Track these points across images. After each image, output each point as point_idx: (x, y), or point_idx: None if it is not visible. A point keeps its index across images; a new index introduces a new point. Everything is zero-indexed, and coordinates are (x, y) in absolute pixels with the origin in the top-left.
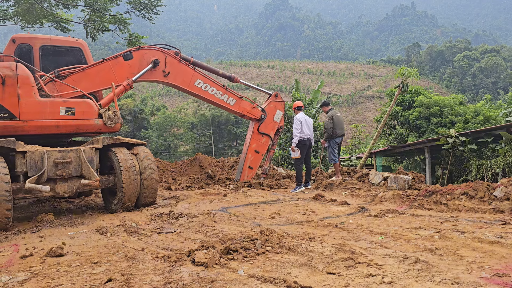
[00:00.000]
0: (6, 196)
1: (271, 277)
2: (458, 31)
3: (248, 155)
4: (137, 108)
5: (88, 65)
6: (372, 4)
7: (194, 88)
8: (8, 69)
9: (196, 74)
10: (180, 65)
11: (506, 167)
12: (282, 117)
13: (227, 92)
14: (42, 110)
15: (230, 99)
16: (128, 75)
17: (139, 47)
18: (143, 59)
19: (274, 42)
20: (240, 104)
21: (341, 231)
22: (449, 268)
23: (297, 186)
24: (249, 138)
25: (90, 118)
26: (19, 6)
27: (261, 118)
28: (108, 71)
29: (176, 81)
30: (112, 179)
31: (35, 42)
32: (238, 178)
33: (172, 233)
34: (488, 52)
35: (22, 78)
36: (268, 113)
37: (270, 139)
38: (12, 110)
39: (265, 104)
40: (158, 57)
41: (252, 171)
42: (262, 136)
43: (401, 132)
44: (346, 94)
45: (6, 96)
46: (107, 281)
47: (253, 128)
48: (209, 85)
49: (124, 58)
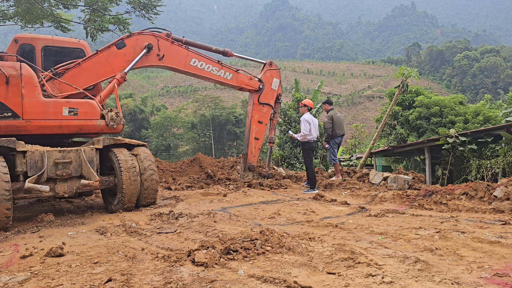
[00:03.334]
0: (6, 195)
1: (271, 277)
2: (458, 31)
3: (252, 126)
4: (137, 108)
5: (83, 59)
6: (372, 4)
7: (190, 68)
8: (12, 69)
9: (190, 54)
10: (173, 46)
11: (506, 167)
12: (279, 85)
13: (223, 67)
14: (45, 110)
15: (227, 73)
16: (123, 63)
17: (130, 34)
18: (136, 46)
19: (274, 42)
20: (237, 78)
21: (341, 231)
22: (449, 268)
23: (310, 188)
24: (250, 110)
25: (93, 118)
26: (19, 6)
27: (259, 89)
28: (104, 63)
29: (172, 63)
30: (112, 179)
31: (37, 43)
32: (246, 151)
33: (172, 233)
34: (488, 52)
35: (26, 78)
36: (266, 83)
37: (271, 108)
38: (15, 109)
39: (261, 74)
40: (151, 41)
41: (258, 141)
42: (263, 106)
43: (401, 132)
44: (346, 94)
45: (10, 95)
46: (107, 281)
47: (253, 100)
48: (204, 62)
49: (117, 47)
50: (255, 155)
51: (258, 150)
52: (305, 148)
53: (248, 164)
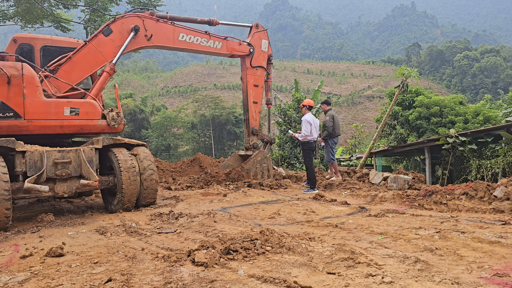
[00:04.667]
0: (5, 195)
1: (271, 277)
2: (458, 31)
3: (249, 91)
4: (137, 108)
5: (73, 53)
6: (372, 4)
7: (179, 43)
8: (13, 69)
9: (177, 29)
10: (159, 24)
11: (506, 167)
12: (268, 45)
13: (211, 37)
14: (47, 110)
15: (216, 43)
16: (113, 50)
17: (114, 19)
18: (122, 30)
19: (274, 42)
20: (227, 45)
21: (341, 231)
22: (449, 268)
23: (310, 188)
24: (245, 75)
25: (94, 118)
26: (19, 6)
27: (250, 53)
28: (94, 52)
29: (161, 41)
30: (112, 179)
31: (36, 43)
32: (247, 117)
33: (172, 233)
34: (488, 52)
35: (27, 78)
36: (255, 46)
37: (265, 70)
38: (17, 109)
39: (250, 38)
40: (137, 23)
41: (257, 105)
42: (256, 69)
43: (401, 132)
44: (346, 94)
45: (12, 95)
46: (107, 281)
47: (245, 65)
48: (192, 35)
49: (104, 34)
50: (256, 119)
51: (258, 114)
52: (305, 148)
53: (251, 128)
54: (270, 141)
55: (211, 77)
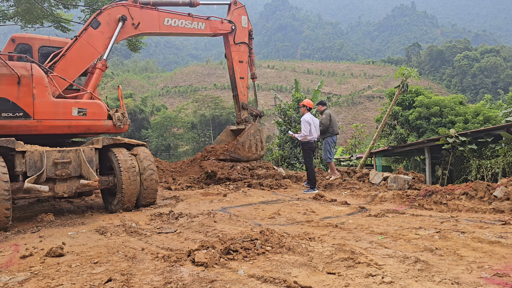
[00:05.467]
0: (5, 195)
1: (271, 277)
2: (458, 31)
3: (235, 68)
4: (137, 108)
5: (66, 49)
6: (372, 4)
7: (165, 28)
8: (23, 69)
9: (161, 14)
10: (144, 10)
11: (506, 167)
12: (248, 21)
13: (194, 19)
14: (56, 110)
15: (200, 24)
16: (104, 41)
17: (100, 11)
18: (110, 21)
19: (274, 42)
20: (210, 25)
21: (341, 231)
22: (449, 268)
23: (310, 188)
24: (229, 52)
25: (101, 119)
26: (19, 6)
27: (232, 30)
28: (86, 46)
29: (147, 28)
30: (112, 179)
31: (34, 43)
32: (236, 93)
33: (172, 233)
34: (488, 52)
35: (36, 78)
36: (236, 22)
37: (247, 46)
38: (27, 109)
39: (229, 15)
40: (123, 13)
41: (244, 80)
42: (239, 45)
43: (401, 132)
44: (346, 94)
45: (21, 95)
46: (107, 281)
47: (229, 42)
48: (176, 19)
49: (93, 27)
50: (245, 94)
51: (246, 89)
52: (305, 148)
53: (241, 103)
54: (259, 114)
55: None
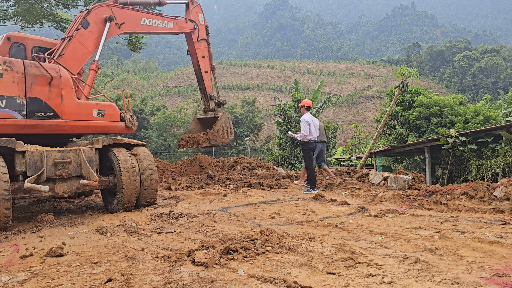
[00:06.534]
0: (5, 195)
1: (271, 277)
2: (458, 31)
3: (200, 63)
4: (137, 108)
5: (62, 48)
6: (372, 4)
7: (143, 27)
8: (53, 71)
9: (138, 13)
10: (124, 11)
11: (506, 167)
12: (204, 18)
13: (164, 18)
14: (79, 111)
15: (170, 23)
16: (94, 41)
17: (88, 11)
18: (97, 21)
19: (274, 42)
20: (177, 24)
21: (341, 231)
22: (449, 268)
23: (310, 188)
24: (193, 49)
25: (115, 120)
26: (19, 6)
27: (194, 28)
28: (79, 46)
29: (128, 27)
30: (112, 179)
31: (28, 42)
32: (203, 86)
33: (172, 233)
34: (488, 52)
35: (64, 80)
36: (195, 21)
37: (206, 41)
38: (56, 110)
39: (189, 14)
40: (108, 13)
41: (208, 74)
42: (200, 42)
43: (401, 132)
44: (346, 94)
45: (52, 96)
46: (107, 281)
47: (192, 40)
48: (151, 18)
49: (84, 27)
50: (210, 86)
51: (210, 81)
52: (305, 148)
53: (209, 94)
54: (222, 102)
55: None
